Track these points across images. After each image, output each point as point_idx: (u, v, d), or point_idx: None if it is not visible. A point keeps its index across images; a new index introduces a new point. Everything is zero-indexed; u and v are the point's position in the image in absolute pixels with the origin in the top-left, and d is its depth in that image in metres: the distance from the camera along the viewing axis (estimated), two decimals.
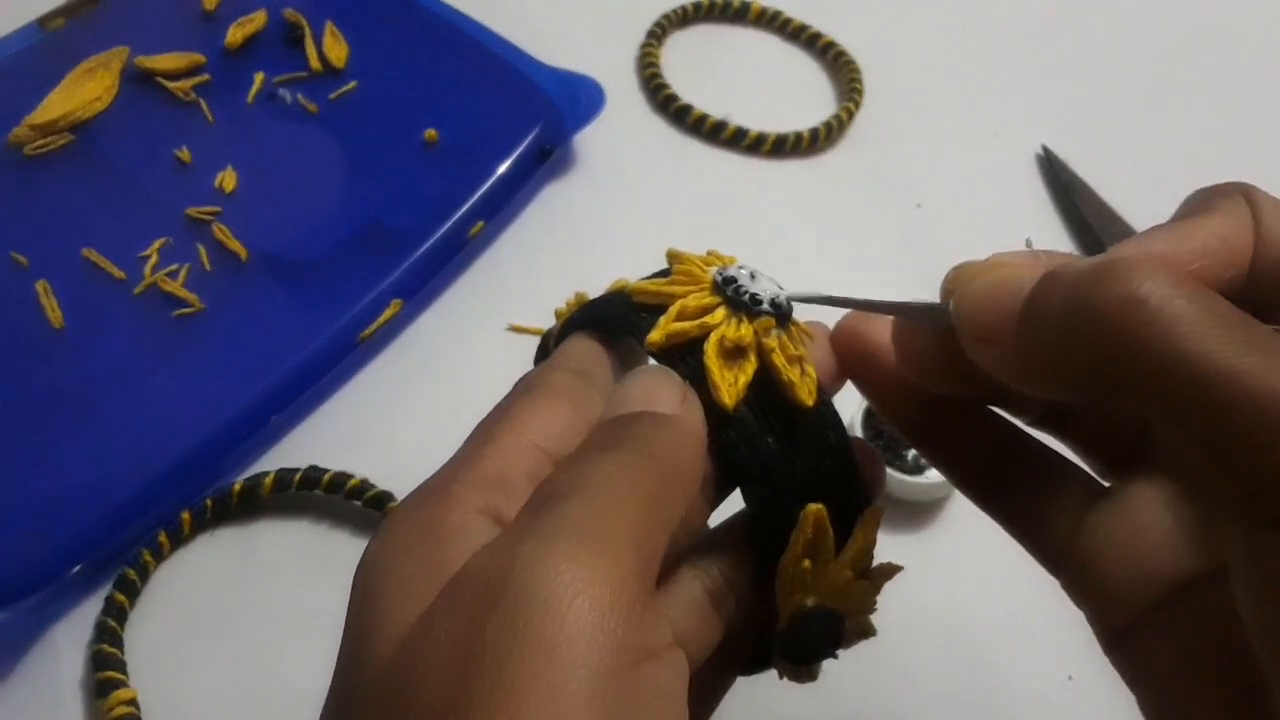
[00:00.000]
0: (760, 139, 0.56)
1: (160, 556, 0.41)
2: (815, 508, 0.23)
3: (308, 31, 0.54)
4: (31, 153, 0.49)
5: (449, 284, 0.50)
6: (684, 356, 0.24)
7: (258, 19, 0.55)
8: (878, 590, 0.26)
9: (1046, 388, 0.20)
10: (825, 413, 0.24)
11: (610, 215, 0.53)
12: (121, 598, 0.39)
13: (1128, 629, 0.23)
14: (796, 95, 0.60)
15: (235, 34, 0.53)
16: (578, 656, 0.17)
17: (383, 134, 0.52)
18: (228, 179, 0.49)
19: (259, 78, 0.53)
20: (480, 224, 0.49)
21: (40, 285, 0.44)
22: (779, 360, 0.24)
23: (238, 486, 0.42)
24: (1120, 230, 0.53)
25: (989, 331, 0.21)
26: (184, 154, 0.50)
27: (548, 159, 0.52)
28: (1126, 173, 0.57)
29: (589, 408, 0.23)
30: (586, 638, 0.17)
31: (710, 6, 0.63)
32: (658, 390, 0.23)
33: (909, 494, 0.44)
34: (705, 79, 0.59)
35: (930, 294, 0.24)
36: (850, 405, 0.44)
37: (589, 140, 0.55)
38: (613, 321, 0.26)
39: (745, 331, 0.24)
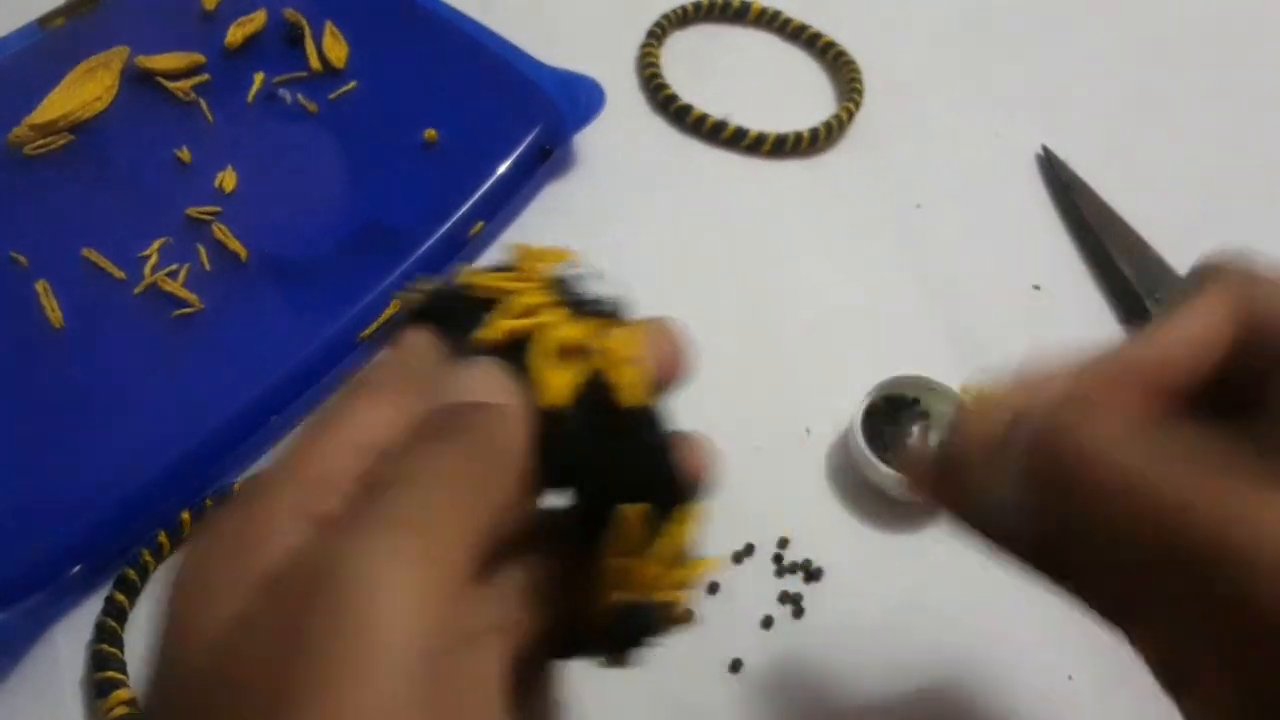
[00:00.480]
0: (760, 139, 0.56)
1: (160, 557, 0.41)
2: (632, 508, 0.23)
3: (308, 31, 0.54)
4: (31, 153, 0.49)
5: None
6: (514, 354, 0.24)
7: (258, 19, 0.55)
8: (695, 584, 0.26)
9: (1015, 521, 0.23)
10: (652, 414, 0.25)
11: (610, 215, 0.53)
12: (122, 598, 0.39)
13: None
14: (796, 95, 0.60)
15: (235, 34, 0.54)
16: (395, 643, 0.17)
17: (383, 134, 0.52)
18: (228, 179, 0.49)
19: (259, 78, 0.53)
20: (480, 224, 0.49)
21: (40, 285, 0.44)
22: (608, 361, 0.24)
23: (238, 486, 0.42)
24: (1119, 230, 0.53)
25: (972, 473, 0.25)
26: (184, 154, 0.50)
27: (548, 159, 0.52)
28: (1126, 173, 0.57)
29: (418, 404, 0.23)
30: (405, 625, 0.18)
31: (710, 6, 0.63)
32: (485, 381, 0.23)
33: (908, 494, 0.44)
34: (705, 79, 0.59)
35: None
36: (851, 403, 0.44)
37: (589, 140, 0.55)
38: (447, 315, 0.26)
39: (576, 331, 0.24)
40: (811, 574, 0.42)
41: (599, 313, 0.25)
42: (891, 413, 0.45)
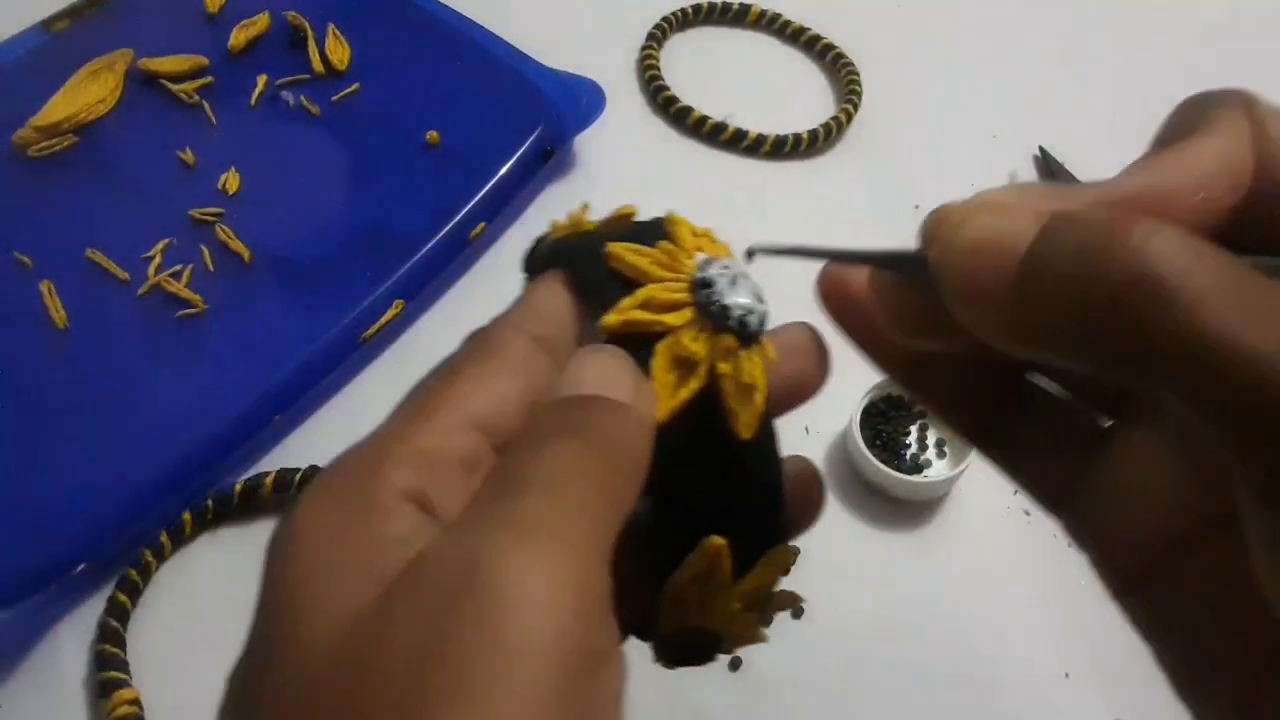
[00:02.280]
0: (759, 141, 0.56)
1: (162, 556, 0.41)
2: (717, 542, 0.22)
3: (310, 34, 0.54)
4: (36, 154, 0.49)
5: (450, 285, 0.50)
6: (635, 348, 0.22)
7: (260, 21, 0.55)
8: (768, 622, 0.25)
9: (1044, 356, 0.19)
10: (762, 446, 0.23)
11: None
12: (124, 598, 0.39)
13: (1137, 577, 0.21)
14: (795, 97, 0.60)
15: (238, 36, 0.54)
16: (545, 659, 0.17)
17: (385, 136, 0.52)
18: (231, 180, 0.49)
19: (262, 80, 0.53)
20: (481, 225, 0.50)
21: (44, 286, 0.45)
22: (728, 386, 0.22)
23: (239, 487, 0.42)
24: None
25: (979, 291, 0.19)
26: (187, 156, 0.50)
27: (549, 161, 0.52)
28: None
29: (543, 383, 0.22)
30: (555, 641, 0.17)
31: (710, 9, 0.63)
32: (612, 375, 0.22)
33: (908, 494, 0.44)
34: (705, 81, 0.60)
35: None
36: (850, 402, 0.44)
37: (590, 142, 0.55)
38: (584, 280, 0.24)
39: (702, 346, 0.22)
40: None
41: (728, 330, 0.23)
42: (890, 412, 0.45)
